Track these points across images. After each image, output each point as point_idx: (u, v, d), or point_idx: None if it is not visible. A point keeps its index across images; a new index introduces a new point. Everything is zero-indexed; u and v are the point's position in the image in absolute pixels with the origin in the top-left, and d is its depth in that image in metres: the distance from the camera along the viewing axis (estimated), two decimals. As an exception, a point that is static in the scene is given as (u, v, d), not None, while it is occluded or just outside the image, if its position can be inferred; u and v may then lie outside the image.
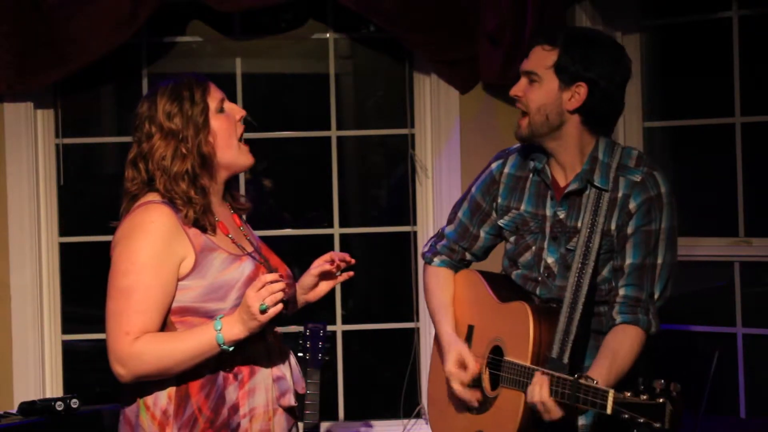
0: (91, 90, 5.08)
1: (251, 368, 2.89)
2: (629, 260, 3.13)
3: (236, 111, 2.97)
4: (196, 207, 2.85)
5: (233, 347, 2.79)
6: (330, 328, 4.17)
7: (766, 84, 4.75)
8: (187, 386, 2.83)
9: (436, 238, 3.49)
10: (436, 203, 4.95)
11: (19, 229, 4.79)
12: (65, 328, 4.91)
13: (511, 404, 3.09)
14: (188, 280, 2.82)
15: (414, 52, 4.97)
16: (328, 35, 5.04)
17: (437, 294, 3.44)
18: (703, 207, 4.95)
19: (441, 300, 3.42)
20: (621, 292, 3.14)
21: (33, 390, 4.76)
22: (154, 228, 2.80)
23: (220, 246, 2.88)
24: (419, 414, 4.97)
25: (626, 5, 4.95)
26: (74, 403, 4.02)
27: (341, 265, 3.10)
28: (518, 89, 3.21)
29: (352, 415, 5.09)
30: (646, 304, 3.12)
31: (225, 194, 3.00)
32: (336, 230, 5.07)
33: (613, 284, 3.16)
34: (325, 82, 5.06)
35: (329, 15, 5.02)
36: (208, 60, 5.16)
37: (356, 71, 5.28)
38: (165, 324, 2.83)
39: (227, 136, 2.93)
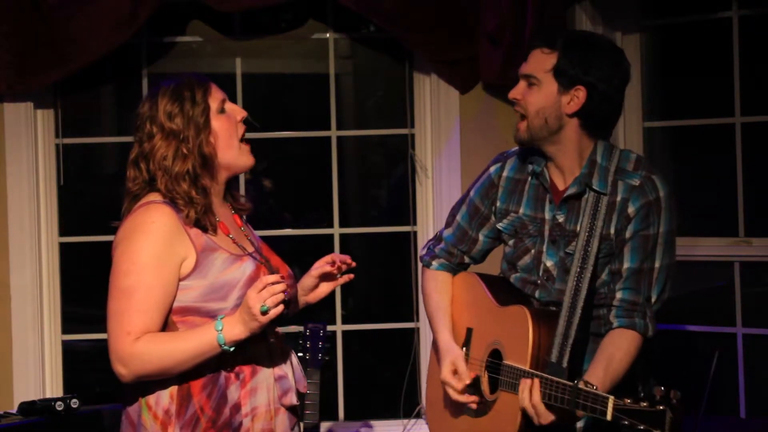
0: (91, 90, 5.07)
1: (253, 368, 2.89)
2: (627, 264, 3.13)
3: (237, 112, 2.98)
4: (198, 207, 2.85)
5: (234, 347, 2.80)
6: (330, 328, 4.18)
7: (766, 84, 4.75)
8: (189, 386, 2.84)
9: (434, 242, 3.48)
10: (436, 203, 4.95)
11: (19, 229, 4.79)
12: (65, 328, 4.91)
13: (510, 408, 3.09)
14: (189, 280, 2.83)
15: (414, 52, 4.97)
16: (328, 35, 5.04)
17: (435, 298, 3.43)
18: (703, 207, 4.95)
19: (439, 304, 3.41)
20: (618, 296, 3.13)
21: (33, 390, 4.76)
22: (156, 228, 2.81)
23: (221, 246, 2.88)
24: (419, 414, 4.97)
25: (626, 5, 4.94)
26: (74, 403, 4.02)
27: (342, 267, 3.10)
28: (517, 92, 3.21)
29: (352, 415, 5.08)
30: (643, 308, 3.12)
31: (226, 194, 3.01)
32: (336, 230, 5.07)
33: (612, 287, 3.16)
34: (325, 82, 5.06)
35: (329, 15, 5.01)
36: (208, 60, 5.15)
37: (356, 71, 5.27)
38: (166, 324, 2.83)
39: (228, 137, 2.93)
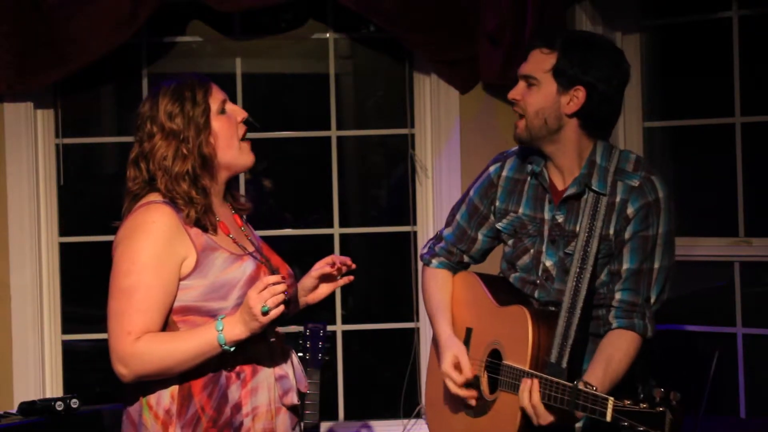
0: (91, 90, 5.07)
1: (253, 367, 2.89)
2: (626, 265, 3.12)
3: (238, 112, 2.97)
4: (198, 207, 2.85)
5: (234, 347, 2.80)
6: (330, 328, 4.18)
7: (766, 84, 4.75)
8: (190, 385, 2.84)
9: (435, 240, 3.48)
10: (436, 203, 4.95)
11: (19, 229, 4.79)
12: (65, 328, 4.91)
13: (510, 408, 3.08)
14: (190, 280, 2.83)
15: (414, 52, 4.97)
16: (328, 35, 5.04)
17: (435, 295, 3.43)
18: (703, 207, 4.95)
19: (439, 301, 3.41)
20: (617, 296, 3.13)
21: (33, 390, 4.76)
22: (156, 228, 2.81)
23: (222, 245, 2.88)
24: (419, 414, 4.96)
25: (626, 5, 4.94)
26: (74, 403, 4.01)
27: (342, 269, 3.10)
28: (516, 93, 3.20)
29: (352, 415, 5.08)
30: (643, 309, 3.12)
31: (226, 194, 3.01)
32: (336, 230, 5.07)
33: (611, 288, 3.16)
34: (325, 82, 5.06)
35: (329, 15, 5.01)
36: (208, 60, 5.15)
37: (356, 71, 5.27)
38: (167, 323, 2.83)
39: (228, 137, 2.93)
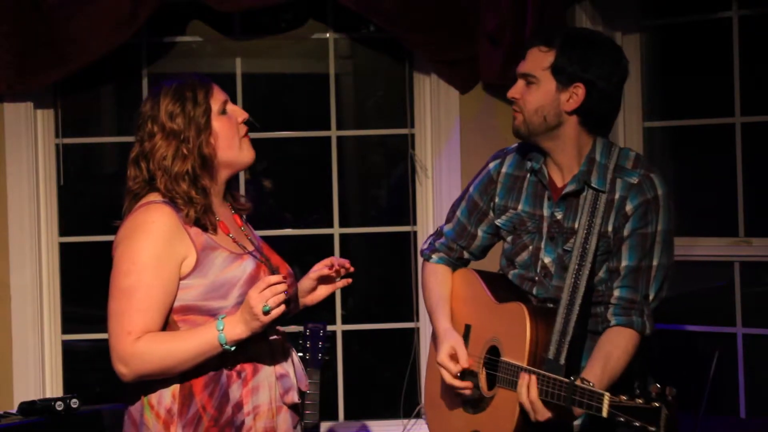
0: (91, 90, 5.07)
1: (254, 366, 2.89)
2: (625, 262, 3.12)
3: (239, 113, 2.98)
4: (197, 207, 2.85)
5: (235, 347, 2.80)
6: (330, 328, 4.18)
7: (766, 84, 4.75)
8: (191, 384, 2.84)
9: (435, 236, 3.49)
10: (436, 203, 4.95)
11: (19, 229, 4.79)
12: (65, 328, 4.91)
13: (508, 404, 3.09)
14: (190, 279, 2.83)
15: (414, 52, 4.97)
16: (328, 35, 5.04)
17: (435, 290, 3.43)
18: (703, 207, 4.95)
19: (439, 295, 3.42)
20: (616, 294, 3.13)
21: (33, 390, 4.76)
22: (156, 228, 2.81)
23: (222, 245, 2.88)
24: (419, 414, 4.96)
25: (626, 5, 4.95)
26: (74, 403, 4.01)
27: (341, 271, 3.11)
28: (515, 91, 3.20)
29: (352, 415, 5.08)
30: (641, 306, 3.12)
31: (226, 194, 3.01)
32: (336, 230, 5.07)
33: (610, 285, 3.16)
34: (325, 82, 5.06)
35: (329, 15, 5.01)
36: (208, 60, 5.15)
37: (356, 71, 5.27)
38: (167, 323, 2.84)
39: (229, 138, 2.93)
